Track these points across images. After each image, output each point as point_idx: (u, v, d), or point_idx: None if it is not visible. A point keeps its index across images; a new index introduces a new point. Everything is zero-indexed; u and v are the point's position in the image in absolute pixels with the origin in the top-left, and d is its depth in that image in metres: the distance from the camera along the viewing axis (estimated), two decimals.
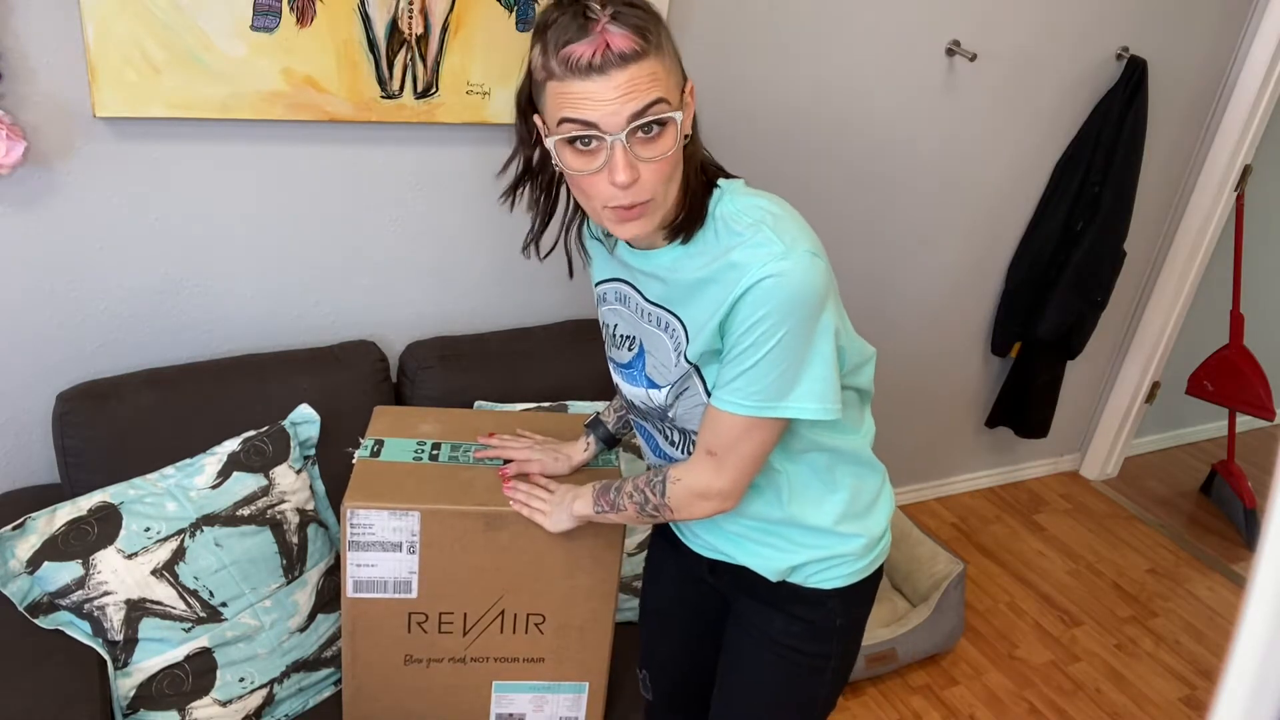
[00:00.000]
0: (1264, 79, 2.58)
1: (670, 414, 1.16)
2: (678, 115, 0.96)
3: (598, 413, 1.47)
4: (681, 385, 1.12)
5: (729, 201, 1.05)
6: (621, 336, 1.21)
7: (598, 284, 1.23)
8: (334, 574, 1.54)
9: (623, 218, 1.00)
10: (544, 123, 1.01)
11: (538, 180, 1.12)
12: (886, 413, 2.63)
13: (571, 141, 0.96)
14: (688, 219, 1.05)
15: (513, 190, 1.14)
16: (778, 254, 0.98)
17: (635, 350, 1.19)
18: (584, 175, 0.98)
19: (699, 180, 1.05)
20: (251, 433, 1.52)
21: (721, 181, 1.07)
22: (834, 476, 1.19)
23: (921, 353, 2.61)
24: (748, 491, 1.16)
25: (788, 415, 1.04)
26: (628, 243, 1.11)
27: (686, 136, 1.02)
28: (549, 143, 1.00)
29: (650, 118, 0.94)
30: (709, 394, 1.10)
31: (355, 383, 1.66)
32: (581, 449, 1.43)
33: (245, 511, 1.43)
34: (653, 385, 1.17)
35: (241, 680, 1.39)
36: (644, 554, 1.71)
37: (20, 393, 1.55)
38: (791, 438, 1.15)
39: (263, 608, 1.42)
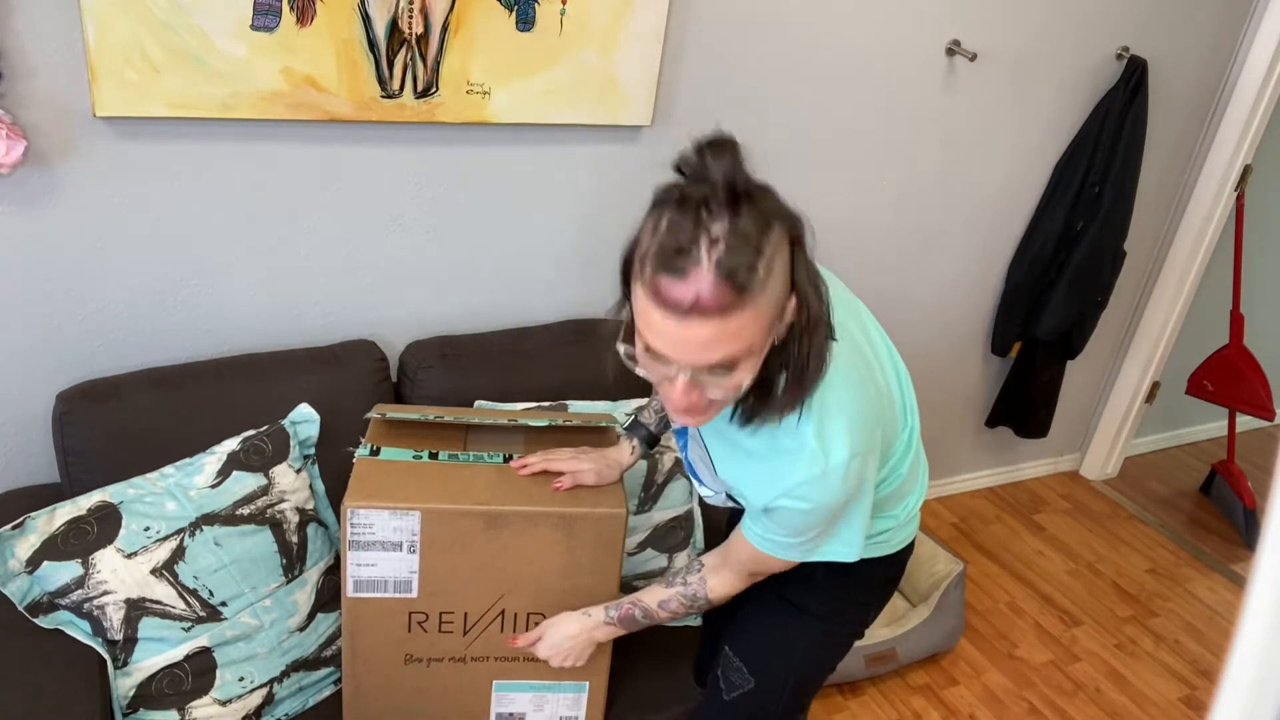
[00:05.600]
0: (1264, 79, 2.58)
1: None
2: (748, 376, 0.95)
3: (637, 414, 1.50)
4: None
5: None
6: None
7: None
8: (334, 573, 1.54)
9: (683, 415, 1.01)
10: (630, 308, 1.00)
11: None
12: None
13: (646, 348, 0.96)
14: (755, 402, 1.04)
15: (629, 339, 1.08)
16: (815, 475, 1.03)
17: (680, 426, 1.28)
18: (652, 378, 0.99)
19: (777, 384, 1.02)
20: (251, 432, 1.52)
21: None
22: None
23: (921, 353, 2.61)
24: None
25: (820, 559, 1.16)
26: None
27: (779, 339, 0.99)
28: (621, 349, 1.00)
29: (720, 366, 0.93)
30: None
31: (355, 383, 1.66)
32: (627, 453, 1.45)
33: (245, 511, 1.43)
34: (696, 478, 1.27)
35: (241, 680, 1.39)
36: (644, 553, 1.71)
37: (20, 393, 1.55)
38: None
39: (262, 607, 1.42)
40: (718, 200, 0.89)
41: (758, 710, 1.36)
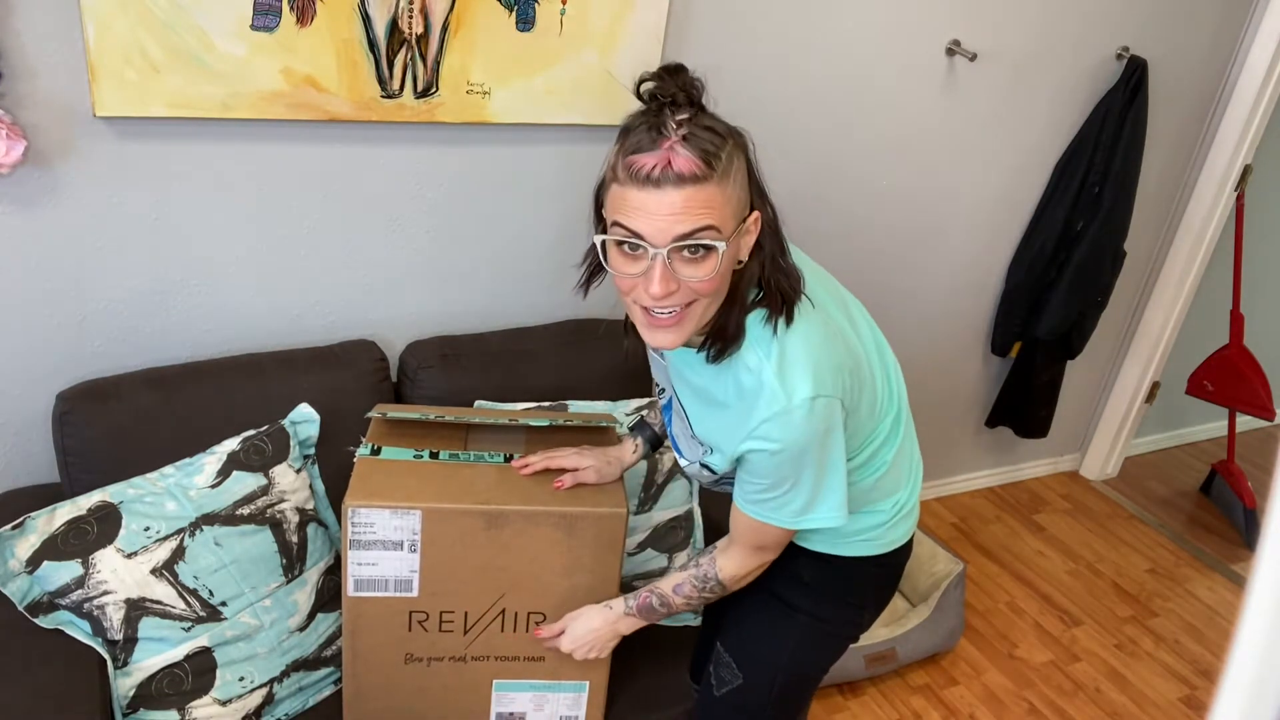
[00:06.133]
0: (1264, 79, 2.58)
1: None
2: (721, 245, 0.98)
3: (642, 415, 1.51)
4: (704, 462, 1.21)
5: (748, 331, 1.08)
6: (656, 384, 1.32)
7: None
8: (334, 573, 1.54)
9: (653, 324, 1.04)
10: (602, 219, 1.05)
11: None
12: None
13: (619, 244, 1.00)
14: (721, 333, 1.07)
15: (588, 281, 1.18)
16: (778, 412, 1.04)
17: (666, 401, 1.29)
18: (623, 277, 1.02)
19: (743, 308, 1.07)
20: (251, 432, 1.52)
21: (750, 318, 1.09)
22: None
23: (921, 353, 2.62)
24: None
25: (812, 526, 1.15)
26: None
27: (740, 262, 1.05)
28: (597, 239, 1.05)
29: (694, 241, 0.97)
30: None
31: (355, 383, 1.66)
32: (630, 451, 1.46)
33: (245, 511, 1.43)
34: (679, 451, 1.27)
35: (241, 679, 1.39)
36: (644, 553, 1.71)
37: (20, 393, 1.55)
38: None
39: (262, 607, 1.42)
40: (678, 102, 0.98)
41: (745, 706, 1.37)
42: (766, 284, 1.07)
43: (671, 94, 0.98)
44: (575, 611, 1.37)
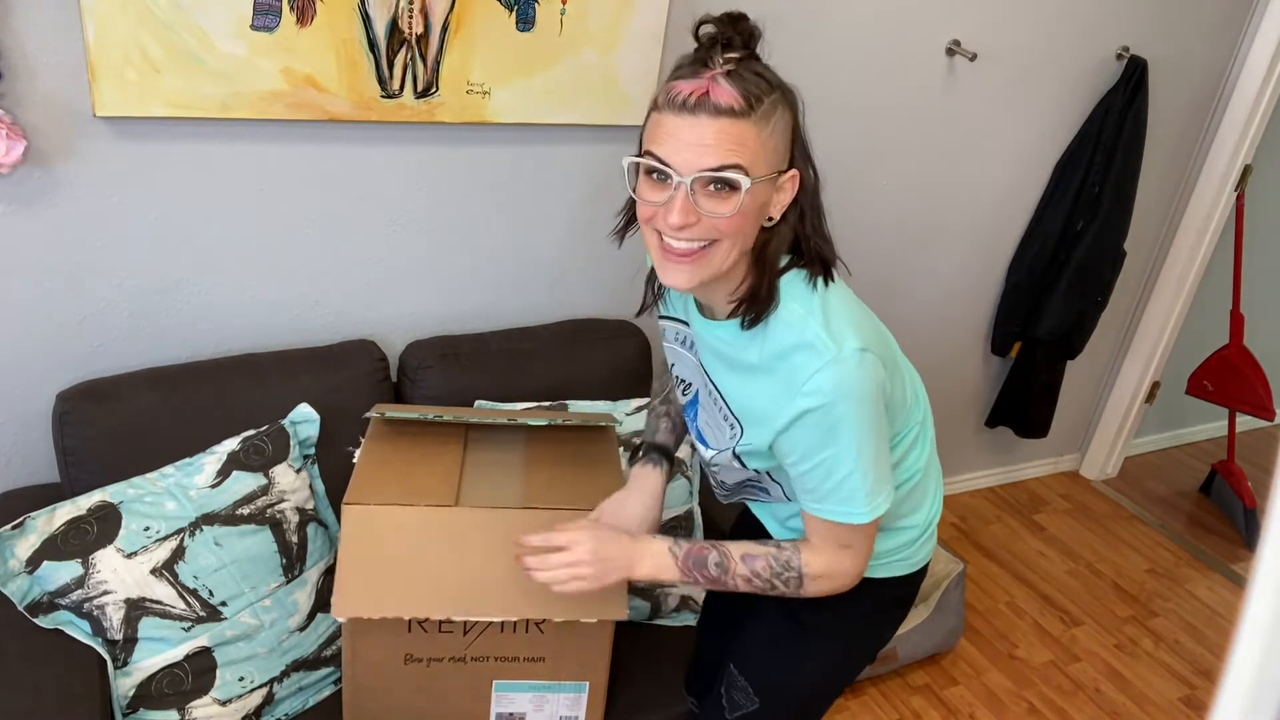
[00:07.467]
0: (1264, 79, 2.58)
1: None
2: (746, 183, 0.96)
3: (644, 442, 1.37)
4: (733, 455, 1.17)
5: (782, 291, 1.07)
6: (679, 379, 1.26)
7: (661, 317, 1.25)
8: (333, 573, 1.54)
9: (668, 257, 1.02)
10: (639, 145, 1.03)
11: None
12: None
13: (647, 171, 1.00)
14: (753, 299, 1.05)
15: (624, 228, 1.15)
16: (829, 361, 1.01)
17: (691, 396, 1.24)
18: (645, 204, 1.01)
19: (773, 273, 1.05)
20: (251, 432, 1.52)
21: (790, 276, 1.07)
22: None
23: (921, 353, 2.61)
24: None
25: (884, 510, 1.09)
26: (693, 297, 1.15)
27: (770, 220, 1.04)
28: (625, 161, 1.03)
29: (719, 176, 0.96)
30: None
31: (355, 382, 1.66)
32: (657, 473, 1.31)
33: (245, 510, 1.43)
34: (704, 443, 1.21)
35: (241, 679, 1.39)
36: None
37: (20, 393, 1.55)
38: None
39: (262, 607, 1.42)
40: (732, 44, 0.97)
41: None
42: (806, 246, 1.06)
43: (728, 37, 0.98)
44: (600, 528, 1.17)
